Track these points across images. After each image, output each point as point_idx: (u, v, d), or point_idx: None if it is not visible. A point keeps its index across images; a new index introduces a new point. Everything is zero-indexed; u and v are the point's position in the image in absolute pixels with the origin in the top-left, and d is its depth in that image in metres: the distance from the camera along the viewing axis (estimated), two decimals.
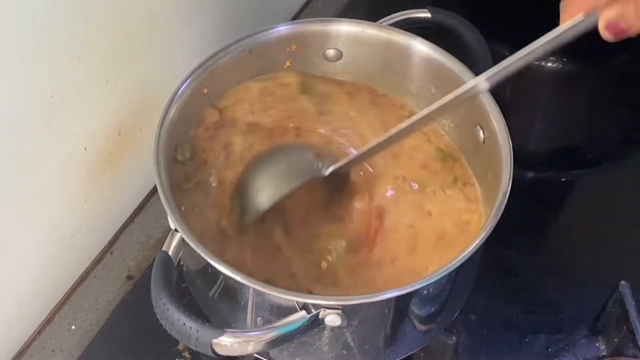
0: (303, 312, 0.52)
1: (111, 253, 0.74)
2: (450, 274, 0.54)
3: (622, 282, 0.67)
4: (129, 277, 0.72)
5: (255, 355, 0.59)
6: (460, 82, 0.64)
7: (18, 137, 0.57)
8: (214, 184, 0.63)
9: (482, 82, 0.55)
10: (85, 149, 0.65)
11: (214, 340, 0.50)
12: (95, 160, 0.67)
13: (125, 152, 0.71)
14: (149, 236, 0.75)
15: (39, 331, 0.68)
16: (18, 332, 0.67)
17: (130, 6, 0.64)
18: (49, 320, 0.69)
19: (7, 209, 0.59)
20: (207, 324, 0.51)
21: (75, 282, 0.71)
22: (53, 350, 0.67)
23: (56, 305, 0.70)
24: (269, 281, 0.57)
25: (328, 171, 0.61)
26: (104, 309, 0.70)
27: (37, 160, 0.60)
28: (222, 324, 0.56)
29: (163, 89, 0.62)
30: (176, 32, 0.72)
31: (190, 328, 0.50)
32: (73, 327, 0.69)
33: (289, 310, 0.52)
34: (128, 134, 0.70)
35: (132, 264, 0.73)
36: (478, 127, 0.64)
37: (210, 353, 0.51)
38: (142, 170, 0.72)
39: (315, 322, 0.52)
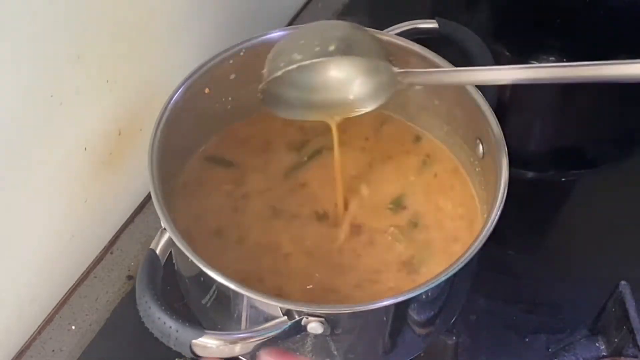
0: (284, 318, 0.52)
1: (111, 253, 0.74)
2: (439, 285, 0.53)
3: (622, 282, 0.67)
4: (129, 277, 0.72)
5: (240, 357, 0.58)
6: (462, 95, 0.64)
7: (18, 137, 0.57)
8: None
9: None
10: (85, 149, 0.65)
11: (194, 341, 0.50)
12: (95, 160, 0.67)
13: (125, 152, 0.71)
14: (149, 236, 0.75)
15: (39, 331, 0.68)
16: (18, 332, 0.67)
17: (130, 6, 0.64)
18: (49, 320, 0.69)
19: (7, 209, 0.59)
20: (187, 324, 0.50)
21: (75, 282, 0.71)
22: (53, 351, 0.67)
23: (56, 305, 0.70)
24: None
25: (403, 85, 0.60)
26: (104, 309, 0.70)
27: (37, 161, 0.60)
28: (212, 327, 0.56)
29: (163, 89, 0.62)
30: (176, 32, 0.72)
31: (170, 327, 0.50)
32: (73, 327, 0.69)
33: (276, 315, 0.52)
34: (128, 134, 0.70)
35: (132, 264, 0.73)
36: (478, 140, 0.64)
37: (189, 354, 0.51)
38: (142, 170, 0.72)
39: (297, 329, 0.52)
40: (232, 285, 0.52)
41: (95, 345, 0.67)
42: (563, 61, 0.90)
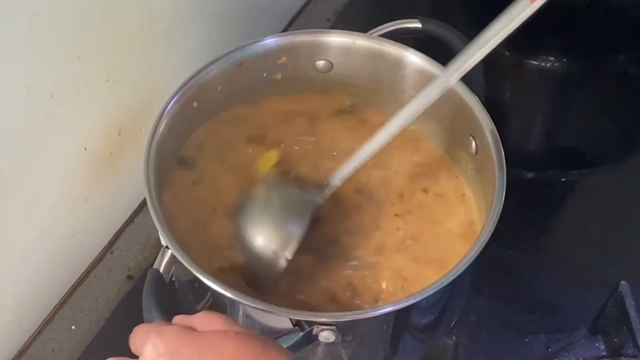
0: (296, 329, 0.52)
1: (111, 253, 0.74)
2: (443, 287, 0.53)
3: (622, 282, 0.67)
4: (129, 277, 0.72)
5: None
6: (451, 95, 0.62)
7: (18, 137, 0.57)
8: None
9: (452, 78, 0.57)
10: (85, 149, 0.65)
11: None
12: (95, 160, 0.67)
13: (125, 152, 0.71)
14: (149, 236, 0.75)
15: (39, 331, 0.68)
16: (18, 332, 0.67)
17: (130, 6, 0.64)
18: (49, 320, 0.69)
19: (7, 209, 0.59)
20: None
21: (75, 282, 0.71)
22: (53, 351, 0.67)
23: (56, 305, 0.70)
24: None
25: (325, 196, 0.60)
26: (104, 309, 0.70)
27: (37, 160, 0.60)
28: None
29: (163, 89, 0.63)
30: (176, 32, 0.72)
31: None
32: (73, 327, 0.69)
33: (283, 327, 0.52)
34: (128, 134, 0.70)
35: (132, 264, 0.73)
36: (470, 137, 0.63)
37: None
38: (142, 171, 0.72)
39: (310, 339, 0.52)
40: (246, 302, 0.52)
41: (95, 345, 0.67)
42: (563, 61, 0.90)
